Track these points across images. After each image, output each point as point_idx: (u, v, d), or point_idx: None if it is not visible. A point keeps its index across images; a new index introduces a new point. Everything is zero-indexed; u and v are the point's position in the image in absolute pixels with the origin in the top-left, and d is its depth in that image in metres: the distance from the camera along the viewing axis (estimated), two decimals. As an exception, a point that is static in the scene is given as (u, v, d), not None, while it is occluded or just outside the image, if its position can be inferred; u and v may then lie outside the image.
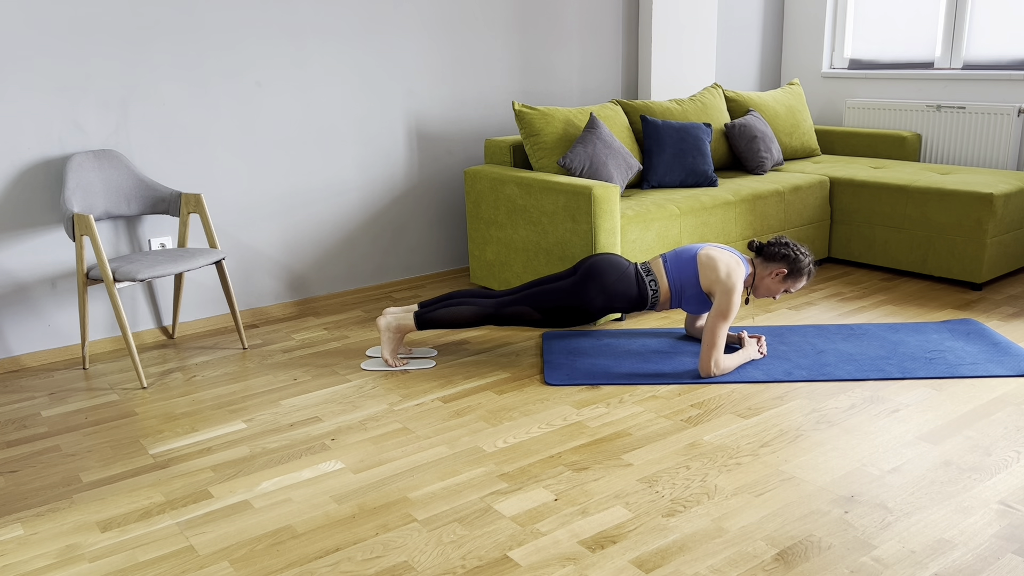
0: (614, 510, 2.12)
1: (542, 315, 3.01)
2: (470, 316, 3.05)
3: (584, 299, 2.99)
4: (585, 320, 3.04)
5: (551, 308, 3.01)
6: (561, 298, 3.01)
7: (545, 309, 3.01)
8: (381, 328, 3.11)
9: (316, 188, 3.85)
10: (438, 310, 3.08)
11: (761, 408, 2.68)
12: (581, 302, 2.99)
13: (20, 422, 2.78)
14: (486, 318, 3.05)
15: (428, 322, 3.07)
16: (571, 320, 3.03)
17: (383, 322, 3.11)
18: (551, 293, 3.02)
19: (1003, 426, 2.50)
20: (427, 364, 3.11)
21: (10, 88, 3.07)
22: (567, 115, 3.83)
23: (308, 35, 3.69)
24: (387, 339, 3.11)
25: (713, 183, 4.01)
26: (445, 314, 3.06)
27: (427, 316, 3.07)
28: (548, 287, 3.05)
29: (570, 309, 3.00)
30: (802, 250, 2.98)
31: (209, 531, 2.09)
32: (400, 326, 3.10)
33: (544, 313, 3.01)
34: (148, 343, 3.51)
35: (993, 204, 3.70)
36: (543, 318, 3.02)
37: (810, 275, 3.00)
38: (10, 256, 3.19)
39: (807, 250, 3.00)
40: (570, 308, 3.00)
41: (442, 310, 3.07)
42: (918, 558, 1.88)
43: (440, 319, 3.06)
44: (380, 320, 3.12)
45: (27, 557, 2.01)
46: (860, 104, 5.06)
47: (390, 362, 3.10)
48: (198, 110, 3.47)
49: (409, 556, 1.95)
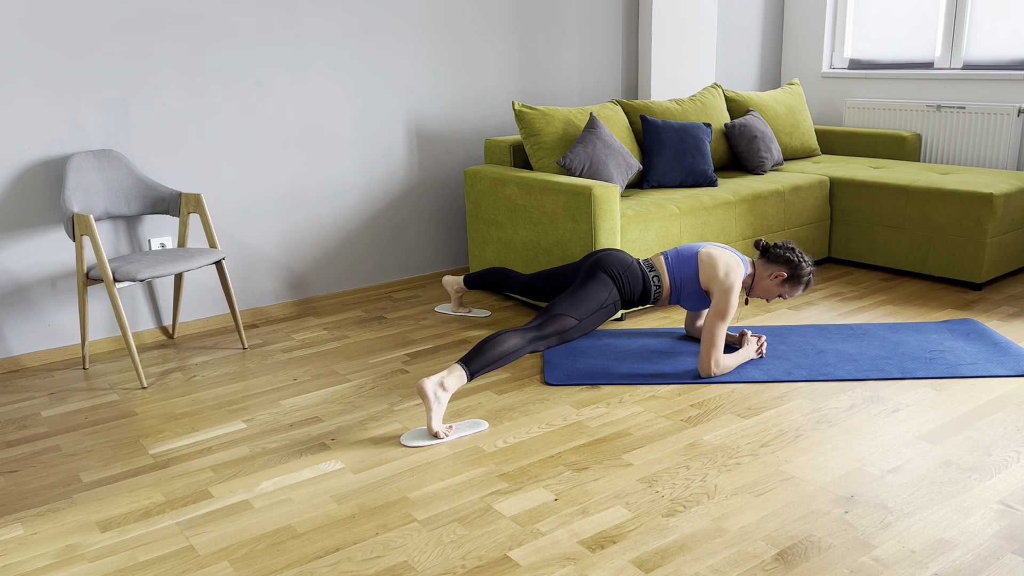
0: (614, 510, 2.12)
1: (578, 320, 2.85)
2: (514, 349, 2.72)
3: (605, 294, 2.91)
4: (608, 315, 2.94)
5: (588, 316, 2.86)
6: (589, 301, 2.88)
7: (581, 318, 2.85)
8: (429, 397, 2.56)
9: (316, 188, 3.85)
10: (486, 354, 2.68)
11: (761, 408, 2.68)
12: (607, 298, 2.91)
13: (20, 422, 2.78)
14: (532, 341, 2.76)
15: (477, 371, 2.64)
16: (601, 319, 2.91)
17: (430, 390, 2.55)
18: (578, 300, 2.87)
19: (1003, 426, 2.50)
20: (480, 426, 2.64)
21: (10, 88, 3.07)
22: (567, 115, 3.83)
23: (308, 35, 3.69)
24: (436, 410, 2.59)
25: (713, 183, 4.01)
26: (492, 356, 2.68)
27: (474, 368, 2.63)
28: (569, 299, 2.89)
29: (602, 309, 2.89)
30: (806, 259, 2.99)
31: (209, 531, 2.09)
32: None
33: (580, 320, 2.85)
34: (148, 343, 3.51)
35: (993, 204, 3.70)
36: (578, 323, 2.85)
37: (808, 285, 3.01)
38: (10, 256, 3.19)
39: (811, 260, 3.02)
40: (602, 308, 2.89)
41: (488, 353, 2.68)
42: (918, 558, 1.88)
43: (489, 362, 2.68)
44: (426, 386, 2.55)
45: (27, 557, 2.01)
46: (860, 104, 5.06)
47: (440, 435, 2.56)
48: (198, 110, 3.47)
49: (409, 556, 1.95)
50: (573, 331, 2.83)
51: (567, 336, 2.82)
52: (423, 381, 2.52)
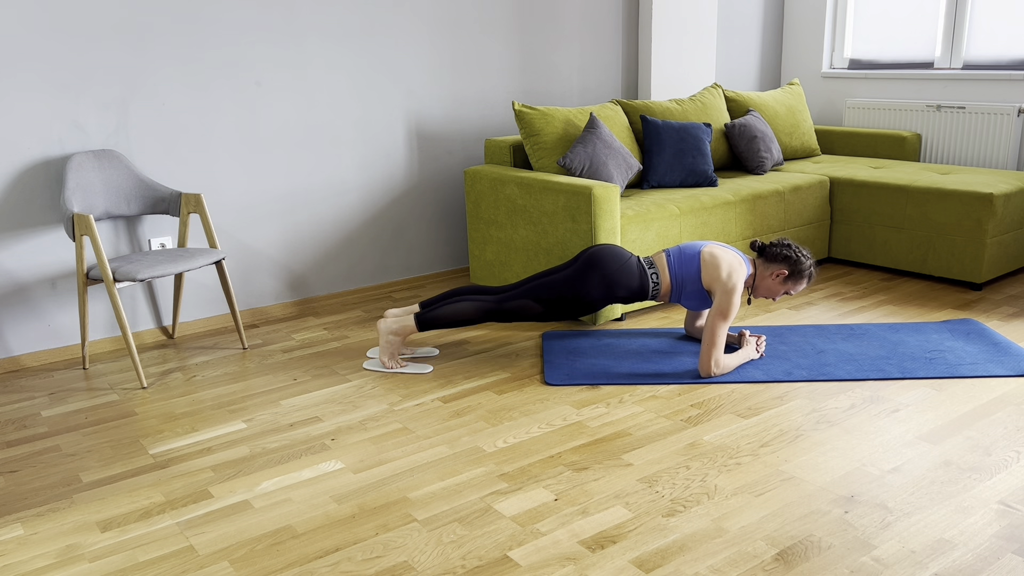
0: (614, 510, 2.12)
1: (543, 307, 2.99)
2: (472, 313, 3.03)
3: (585, 288, 2.98)
4: (586, 311, 3.02)
5: (552, 299, 2.99)
6: (562, 288, 2.99)
7: (546, 300, 2.99)
8: (380, 331, 3.10)
9: (316, 188, 3.85)
10: (439, 309, 3.06)
11: (761, 408, 2.68)
12: (582, 291, 2.98)
13: (20, 422, 2.78)
14: (487, 314, 3.03)
15: (429, 322, 3.05)
16: (572, 311, 3.01)
17: (383, 325, 3.09)
18: (552, 284, 3.01)
19: (1003, 426, 2.50)
20: (425, 369, 3.08)
21: (10, 88, 3.07)
22: (567, 115, 3.83)
23: (308, 34, 3.69)
24: (385, 343, 3.10)
25: (713, 183, 4.01)
26: (446, 312, 3.03)
27: (428, 316, 3.06)
28: (548, 279, 3.03)
29: (571, 299, 2.98)
30: (804, 252, 2.98)
31: (209, 531, 2.09)
32: (401, 328, 3.08)
33: (545, 305, 2.99)
34: (148, 343, 3.51)
35: (993, 204, 3.70)
36: (544, 310, 3.00)
37: (811, 278, 3.00)
38: (10, 256, 3.19)
39: (809, 253, 3.01)
40: (571, 298, 2.98)
41: (443, 308, 3.04)
42: (918, 558, 1.88)
43: (441, 318, 3.04)
44: (380, 323, 3.10)
45: (27, 557, 2.01)
46: (860, 104, 5.06)
47: (388, 365, 3.09)
48: (198, 110, 3.47)
49: (409, 556, 1.95)
50: (535, 319, 3.03)
51: (525, 318, 3.02)
52: (381, 321, 3.08)
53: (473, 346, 3.33)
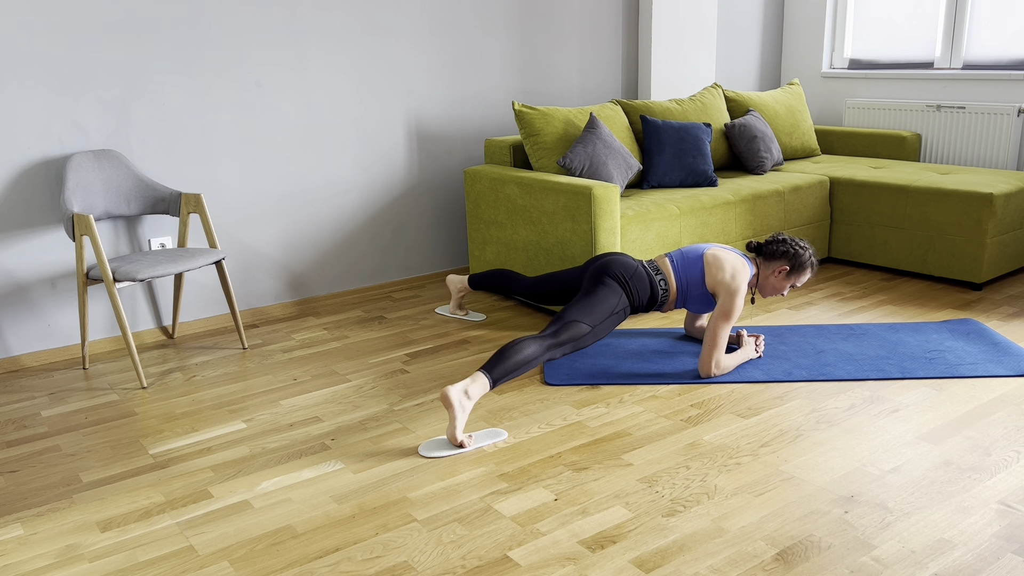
0: (614, 510, 2.12)
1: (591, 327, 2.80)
2: (534, 357, 2.67)
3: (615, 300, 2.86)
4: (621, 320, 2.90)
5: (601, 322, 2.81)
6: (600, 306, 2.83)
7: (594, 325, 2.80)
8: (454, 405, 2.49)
9: (316, 188, 3.85)
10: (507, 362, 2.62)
11: (761, 408, 2.68)
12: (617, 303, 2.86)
13: (20, 422, 2.78)
14: (547, 350, 2.71)
15: (499, 378, 2.57)
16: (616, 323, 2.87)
17: (455, 398, 2.48)
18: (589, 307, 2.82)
19: (1003, 426, 2.50)
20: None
21: (10, 88, 3.07)
22: (567, 115, 3.83)
23: (308, 35, 3.69)
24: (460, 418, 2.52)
25: (713, 183, 4.01)
26: (512, 364, 2.62)
27: (496, 376, 2.57)
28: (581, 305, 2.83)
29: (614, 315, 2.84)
30: (801, 244, 2.97)
31: (209, 531, 2.09)
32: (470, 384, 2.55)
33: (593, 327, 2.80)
34: (148, 343, 3.51)
35: (993, 204, 3.70)
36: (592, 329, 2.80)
37: (813, 267, 2.98)
38: (10, 256, 3.19)
39: (806, 243, 2.99)
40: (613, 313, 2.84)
41: (509, 362, 2.61)
42: (918, 558, 1.88)
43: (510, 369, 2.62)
44: (451, 394, 2.48)
45: (27, 557, 2.01)
46: (860, 104, 5.06)
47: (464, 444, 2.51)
48: (198, 110, 3.47)
49: (409, 556, 1.95)
50: (587, 338, 2.77)
51: (581, 343, 2.76)
52: (448, 389, 2.45)
53: (473, 346, 3.33)
